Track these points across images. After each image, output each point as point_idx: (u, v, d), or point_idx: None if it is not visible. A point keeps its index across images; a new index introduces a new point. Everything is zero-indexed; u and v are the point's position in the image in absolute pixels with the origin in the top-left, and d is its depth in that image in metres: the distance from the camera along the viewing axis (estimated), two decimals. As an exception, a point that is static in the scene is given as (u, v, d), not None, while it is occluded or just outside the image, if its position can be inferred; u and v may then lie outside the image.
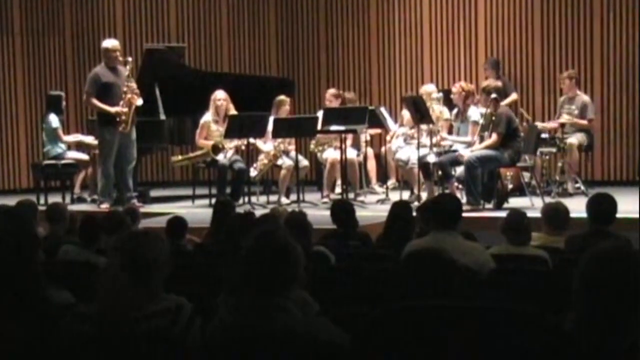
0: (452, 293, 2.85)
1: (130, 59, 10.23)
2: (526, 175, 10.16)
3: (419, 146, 9.74)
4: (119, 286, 3.01)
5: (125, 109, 9.95)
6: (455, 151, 9.55)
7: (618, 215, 5.71)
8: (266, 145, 10.52)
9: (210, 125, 10.42)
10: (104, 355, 2.92)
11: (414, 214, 6.37)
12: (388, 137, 10.93)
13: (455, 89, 9.90)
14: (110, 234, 5.39)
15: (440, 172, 9.63)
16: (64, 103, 11.47)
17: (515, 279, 4.58)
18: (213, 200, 9.52)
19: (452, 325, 2.54)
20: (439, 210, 5.22)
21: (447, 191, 9.43)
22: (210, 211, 6.96)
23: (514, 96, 11.38)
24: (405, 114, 10.69)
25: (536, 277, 4.55)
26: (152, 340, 2.92)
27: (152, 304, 3.03)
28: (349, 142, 10.46)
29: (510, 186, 10.18)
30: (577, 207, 6.65)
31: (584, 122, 10.60)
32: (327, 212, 7.02)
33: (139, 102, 10.02)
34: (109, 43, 10.30)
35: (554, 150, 10.52)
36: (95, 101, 10.02)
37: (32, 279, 3.28)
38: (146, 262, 3.05)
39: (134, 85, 10.06)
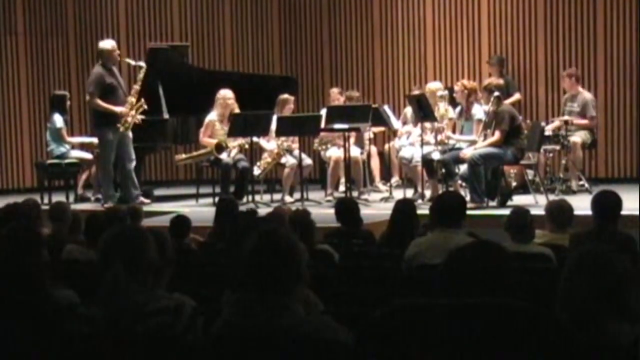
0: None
1: (143, 64, 10.29)
2: (530, 173, 10.15)
3: (422, 144, 9.74)
4: (118, 285, 3.01)
5: (132, 112, 10.01)
6: (459, 149, 9.55)
7: (621, 212, 5.70)
8: (270, 143, 10.52)
9: (215, 124, 10.43)
10: (106, 354, 2.92)
11: (418, 211, 6.37)
12: (399, 134, 10.81)
13: (457, 87, 9.90)
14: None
15: (443, 170, 9.63)
16: (68, 103, 11.48)
17: (519, 277, 4.57)
18: (217, 199, 9.53)
19: (455, 323, 2.54)
20: (443, 208, 5.22)
21: (451, 189, 9.43)
22: (214, 210, 6.96)
23: (517, 96, 11.36)
24: (408, 111, 10.70)
25: (540, 275, 4.55)
26: (153, 339, 2.92)
27: (152, 302, 3.02)
28: (352, 140, 10.45)
29: (514, 184, 10.18)
30: (581, 205, 6.64)
31: (585, 121, 10.56)
32: (331, 211, 7.03)
33: (145, 105, 10.11)
34: (109, 44, 10.33)
35: (557, 147, 10.51)
36: (100, 102, 10.04)
37: (37, 278, 3.29)
38: (139, 259, 3.04)
39: (139, 87, 10.14)
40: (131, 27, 13.18)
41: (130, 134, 10.17)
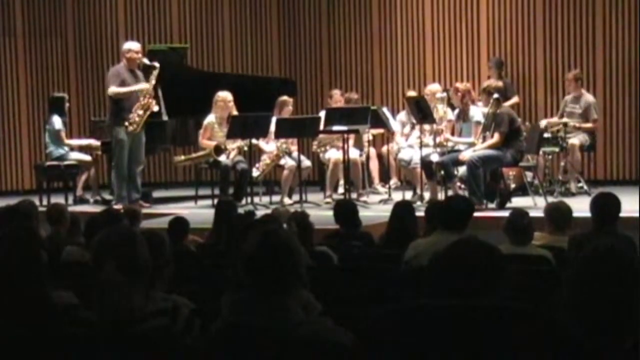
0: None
1: (157, 64, 10.24)
2: (529, 175, 10.15)
3: (421, 146, 9.74)
4: (111, 287, 3.00)
5: (141, 111, 9.99)
6: (458, 151, 9.55)
7: (620, 214, 5.70)
8: (268, 145, 10.53)
9: (214, 126, 10.43)
10: (103, 356, 2.91)
11: (417, 213, 6.37)
12: (398, 137, 10.80)
13: (451, 92, 9.96)
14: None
15: (442, 172, 9.63)
16: (67, 105, 11.47)
17: (518, 279, 4.57)
18: (216, 201, 9.53)
19: (454, 324, 2.54)
20: (448, 211, 5.23)
21: (449, 191, 9.45)
22: (212, 211, 6.96)
23: (515, 99, 11.36)
24: (402, 116, 10.77)
25: (539, 277, 4.55)
26: (150, 341, 2.91)
27: (150, 304, 3.02)
28: (351, 142, 10.46)
29: (512, 186, 10.18)
30: (580, 207, 6.63)
31: (588, 124, 10.57)
32: (330, 212, 7.03)
33: (155, 108, 10.09)
34: (127, 45, 10.35)
35: (556, 149, 10.51)
36: (115, 88, 10.01)
37: (36, 279, 3.28)
38: (131, 260, 3.03)
39: (151, 90, 10.13)
40: (130, 29, 13.16)
41: (143, 137, 10.17)
